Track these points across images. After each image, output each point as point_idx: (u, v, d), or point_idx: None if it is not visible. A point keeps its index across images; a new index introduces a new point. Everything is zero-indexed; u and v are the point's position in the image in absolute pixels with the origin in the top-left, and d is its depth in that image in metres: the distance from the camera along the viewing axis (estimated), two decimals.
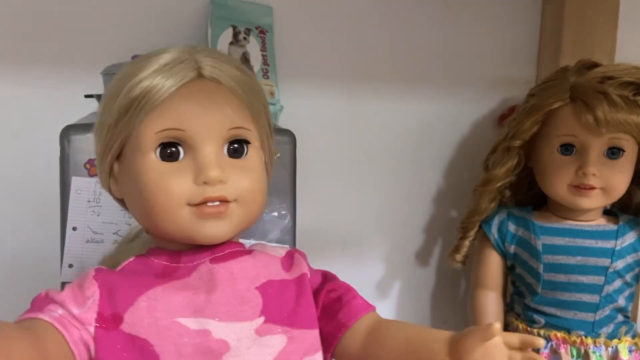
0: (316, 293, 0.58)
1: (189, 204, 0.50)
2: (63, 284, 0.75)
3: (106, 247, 0.75)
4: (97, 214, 0.75)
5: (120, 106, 0.51)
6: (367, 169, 1.09)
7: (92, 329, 0.49)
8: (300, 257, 0.59)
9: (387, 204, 1.11)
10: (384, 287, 1.13)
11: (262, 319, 0.53)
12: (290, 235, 0.81)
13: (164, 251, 0.55)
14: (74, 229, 0.74)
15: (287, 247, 0.62)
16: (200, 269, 0.53)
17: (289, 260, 0.59)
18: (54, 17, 0.93)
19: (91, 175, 0.74)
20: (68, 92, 0.92)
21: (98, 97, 0.82)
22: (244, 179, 0.52)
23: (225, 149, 0.52)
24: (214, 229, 0.51)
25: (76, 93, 0.88)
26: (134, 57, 0.83)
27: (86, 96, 0.84)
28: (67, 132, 0.74)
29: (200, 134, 0.51)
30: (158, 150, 0.51)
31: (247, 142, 0.54)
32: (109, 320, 0.50)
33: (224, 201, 0.51)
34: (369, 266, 1.10)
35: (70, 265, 0.75)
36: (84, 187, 0.74)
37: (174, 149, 0.51)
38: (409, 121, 1.09)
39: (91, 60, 0.87)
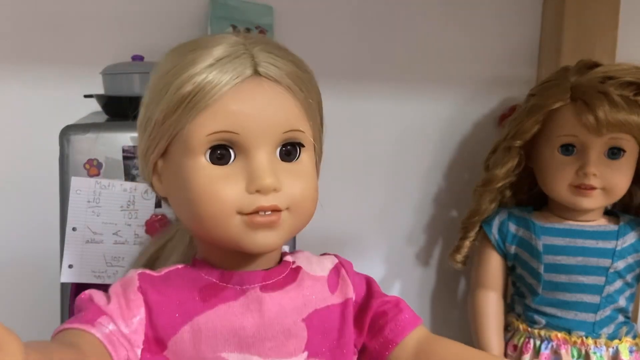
0: (362, 306, 0.56)
1: (240, 213, 0.47)
2: (63, 284, 0.75)
3: (106, 247, 0.75)
4: (97, 214, 0.74)
5: (169, 102, 0.47)
6: (367, 168, 1.09)
7: (138, 352, 0.47)
8: (346, 274, 0.57)
9: (387, 203, 1.11)
10: (384, 287, 1.12)
11: (305, 353, 0.51)
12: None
13: (214, 268, 0.52)
14: (74, 229, 0.74)
15: (333, 257, 0.58)
16: (248, 295, 0.50)
17: (336, 277, 0.56)
18: (54, 17, 0.93)
19: (90, 176, 0.74)
20: (68, 92, 0.92)
21: (98, 97, 0.82)
22: (296, 186, 0.49)
23: (277, 152, 0.49)
24: (265, 240, 0.48)
25: (76, 93, 0.88)
26: (133, 57, 0.83)
27: (86, 96, 0.84)
28: (67, 132, 0.74)
29: (254, 138, 0.47)
30: (208, 152, 0.47)
31: (301, 145, 0.50)
32: (154, 343, 0.48)
33: (275, 210, 0.48)
34: (369, 266, 1.10)
35: (70, 266, 0.75)
36: (83, 187, 0.74)
37: (224, 151, 0.48)
38: (409, 121, 1.09)
39: (91, 60, 0.87)
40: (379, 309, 0.56)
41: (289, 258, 0.55)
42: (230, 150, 0.48)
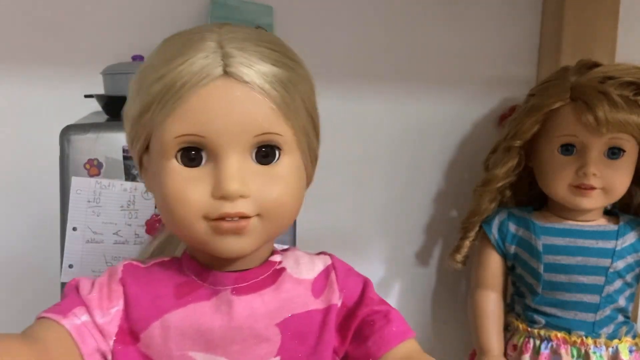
0: (351, 311, 0.53)
1: (206, 218, 0.46)
2: (63, 284, 0.75)
3: (106, 247, 0.75)
4: (97, 214, 0.74)
5: (143, 100, 0.46)
6: (367, 168, 1.09)
7: (111, 342, 0.48)
8: (335, 278, 0.54)
9: (387, 204, 1.11)
10: (384, 287, 1.13)
11: (277, 358, 0.50)
12: (291, 235, 0.81)
13: (196, 265, 0.51)
14: (74, 229, 0.74)
15: (327, 258, 0.56)
16: (220, 296, 0.50)
17: (323, 281, 0.54)
18: (55, 18, 0.94)
19: (91, 176, 0.74)
20: (68, 92, 0.92)
21: (98, 97, 0.82)
22: (269, 191, 0.46)
23: (253, 155, 0.47)
24: (233, 245, 0.47)
25: (76, 93, 0.88)
26: (133, 57, 0.83)
27: (86, 96, 0.84)
28: (67, 132, 0.74)
29: (221, 142, 0.45)
30: (179, 154, 0.46)
31: (278, 148, 0.47)
32: (128, 335, 0.49)
33: (243, 217, 0.46)
34: (369, 266, 1.10)
35: (70, 266, 0.75)
36: (83, 187, 0.74)
37: (196, 153, 0.46)
38: (409, 121, 1.09)
39: (91, 60, 0.87)
40: (367, 318, 0.52)
41: (276, 257, 0.54)
42: (202, 153, 0.46)
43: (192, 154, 0.46)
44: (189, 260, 0.52)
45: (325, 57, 1.02)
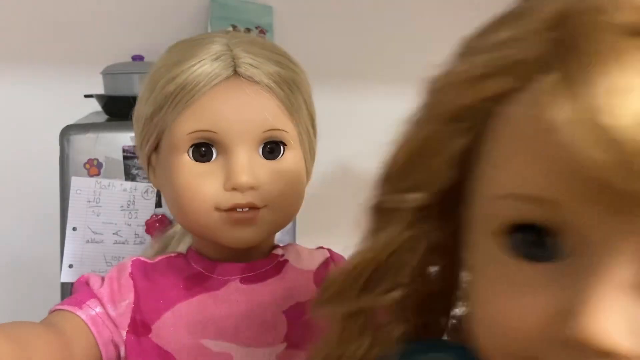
0: None
1: (218, 209, 0.48)
2: (63, 284, 0.75)
3: (106, 247, 0.75)
4: (97, 214, 0.75)
5: (155, 100, 0.49)
6: (365, 168, 1.09)
7: (124, 333, 0.50)
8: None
9: None
10: None
11: (284, 344, 0.52)
12: (291, 235, 0.81)
13: (203, 258, 0.54)
14: (74, 229, 0.74)
15: (325, 251, 0.59)
16: (229, 286, 0.52)
17: (324, 271, 0.56)
18: (55, 18, 0.94)
19: (91, 176, 0.74)
20: (68, 92, 0.92)
21: (98, 97, 0.83)
22: (276, 183, 0.49)
23: (260, 150, 0.50)
24: (243, 235, 0.49)
25: (76, 93, 0.88)
26: (133, 57, 0.83)
27: (86, 96, 0.84)
28: (67, 132, 0.74)
29: (232, 137, 0.48)
30: (191, 150, 0.49)
31: (284, 144, 0.51)
32: (139, 326, 0.51)
33: (253, 207, 0.48)
34: None
35: (70, 266, 0.75)
36: (83, 187, 0.74)
37: (207, 148, 0.49)
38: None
39: (91, 60, 0.87)
40: None
41: (278, 251, 0.56)
42: (212, 148, 0.49)
43: (203, 150, 0.49)
44: (196, 255, 0.54)
45: (324, 56, 1.02)
